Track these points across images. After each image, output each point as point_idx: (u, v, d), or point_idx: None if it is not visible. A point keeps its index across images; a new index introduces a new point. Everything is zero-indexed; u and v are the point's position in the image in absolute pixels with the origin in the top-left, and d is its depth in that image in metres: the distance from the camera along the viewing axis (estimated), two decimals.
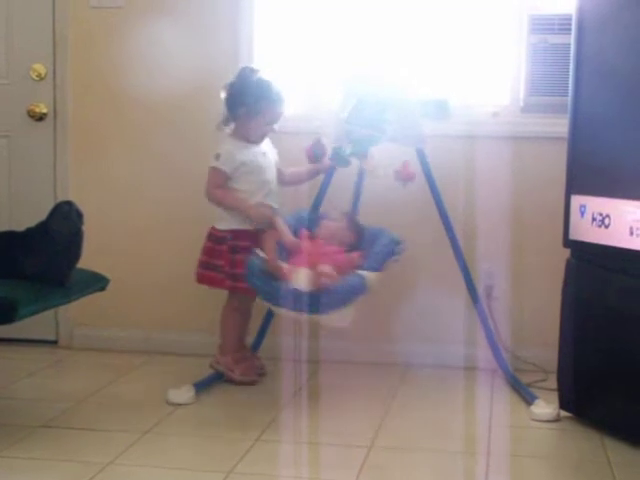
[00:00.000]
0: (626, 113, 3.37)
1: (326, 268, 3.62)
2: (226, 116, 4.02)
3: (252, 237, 3.94)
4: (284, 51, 4.57)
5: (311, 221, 4.06)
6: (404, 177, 3.99)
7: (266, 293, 3.67)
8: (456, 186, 4.24)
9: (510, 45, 4.37)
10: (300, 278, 3.61)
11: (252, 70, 4.04)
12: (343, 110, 4.02)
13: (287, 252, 3.86)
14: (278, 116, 4.02)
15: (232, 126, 4.04)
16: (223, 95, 4.01)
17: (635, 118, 3.33)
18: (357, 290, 3.61)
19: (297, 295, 3.55)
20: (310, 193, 4.21)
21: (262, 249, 3.77)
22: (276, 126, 4.04)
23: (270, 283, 3.63)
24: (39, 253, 3.47)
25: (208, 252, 4.03)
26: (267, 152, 4.07)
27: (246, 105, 3.95)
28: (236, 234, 3.97)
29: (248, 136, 4.00)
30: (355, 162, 4.02)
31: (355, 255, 3.82)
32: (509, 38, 4.37)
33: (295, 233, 3.95)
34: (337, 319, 3.62)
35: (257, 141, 4.03)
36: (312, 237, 3.93)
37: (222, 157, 3.96)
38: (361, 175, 4.18)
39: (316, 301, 3.54)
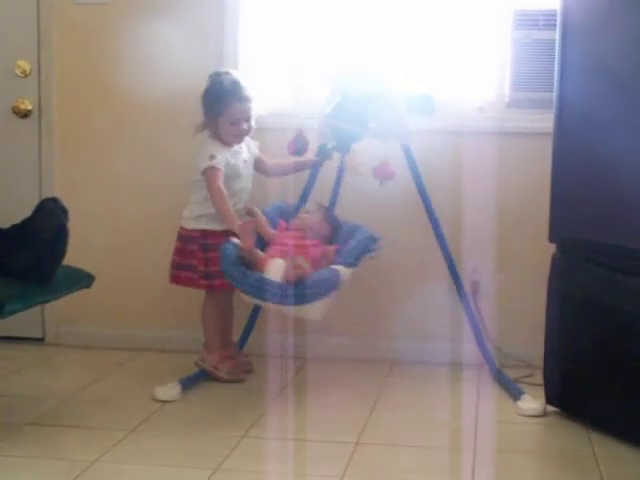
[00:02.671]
0: (611, 108, 3.38)
1: (300, 260, 3.61)
2: (202, 123, 4.04)
3: (221, 235, 3.94)
4: (269, 46, 4.56)
5: (290, 214, 4.08)
6: (382, 175, 3.96)
7: (238, 280, 3.63)
8: (442, 182, 4.24)
9: (495, 41, 4.38)
10: (274, 268, 3.60)
11: (217, 74, 4.03)
12: (328, 106, 4.02)
13: (264, 243, 3.87)
14: (242, 113, 3.98)
15: (208, 131, 4.03)
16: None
17: (620, 113, 3.34)
18: (329, 284, 3.58)
19: (269, 285, 3.54)
20: (296, 187, 4.22)
21: (239, 236, 3.74)
22: (247, 125, 4.00)
23: (243, 271, 3.61)
24: (24, 250, 3.46)
25: (178, 252, 4.04)
26: (244, 154, 4.05)
27: (208, 110, 3.98)
28: (205, 233, 3.98)
29: (221, 138, 4.00)
30: (337, 156, 4.04)
31: (330, 249, 3.82)
32: (494, 34, 4.37)
33: (274, 224, 3.97)
34: (309, 312, 3.62)
35: (231, 142, 4.01)
36: (289, 229, 3.95)
37: (217, 157, 3.93)
38: (340, 170, 4.18)
39: (287, 293, 3.52)
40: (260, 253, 3.73)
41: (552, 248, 3.69)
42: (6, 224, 3.59)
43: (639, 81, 3.26)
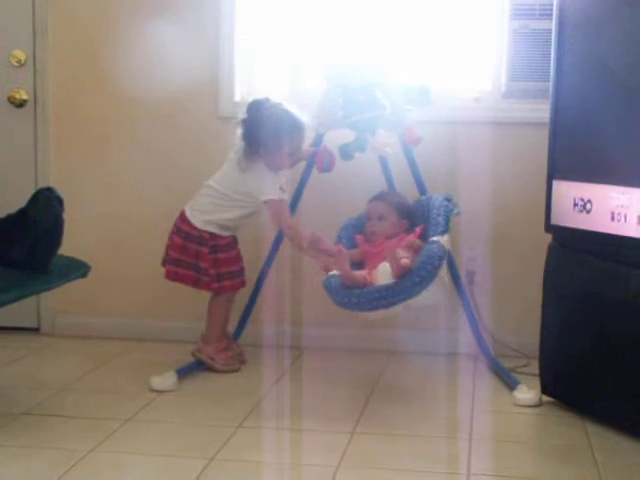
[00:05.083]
0: (607, 98, 3.38)
1: (399, 253, 3.56)
2: (247, 152, 3.92)
3: (228, 237, 3.98)
4: (266, 38, 4.55)
5: (359, 226, 4.03)
6: (410, 141, 3.99)
7: (356, 304, 3.57)
8: (438, 172, 4.23)
9: (492, 31, 4.37)
10: (381, 274, 3.58)
11: (260, 103, 3.92)
12: (327, 100, 4.02)
13: (357, 266, 3.81)
14: (299, 144, 3.95)
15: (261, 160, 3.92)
16: (239, 132, 3.94)
17: (616, 103, 3.34)
18: (437, 256, 3.55)
19: (387, 290, 3.51)
20: (293, 179, 4.20)
21: (336, 269, 3.70)
22: (302, 154, 4.00)
23: (355, 293, 3.57)
24: (19, 240, 3.45)
25: (178, 249, 4.00)
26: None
27: (263, 143, 3.87)
28: (214, 235, 3.97)
29: (276, 169, 3.95)
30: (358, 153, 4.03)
31: (417, 232, 3.82)
32: (490, 24, 4.37)
33: (352, 243, 3.94)
34: (429, 297, 3.58)
35: (287, 167, 4.01)
36: (368, 239, 3.93)
37: (285, 191, 3.93)
38: (385, 160, 4.16)
39: (406, 286, 3.50)
40: (360, 272, 3.69)
41: (548, 238, 3.69)
42: (1, 213, 3.58)
43: (635, 72, 3.26)
